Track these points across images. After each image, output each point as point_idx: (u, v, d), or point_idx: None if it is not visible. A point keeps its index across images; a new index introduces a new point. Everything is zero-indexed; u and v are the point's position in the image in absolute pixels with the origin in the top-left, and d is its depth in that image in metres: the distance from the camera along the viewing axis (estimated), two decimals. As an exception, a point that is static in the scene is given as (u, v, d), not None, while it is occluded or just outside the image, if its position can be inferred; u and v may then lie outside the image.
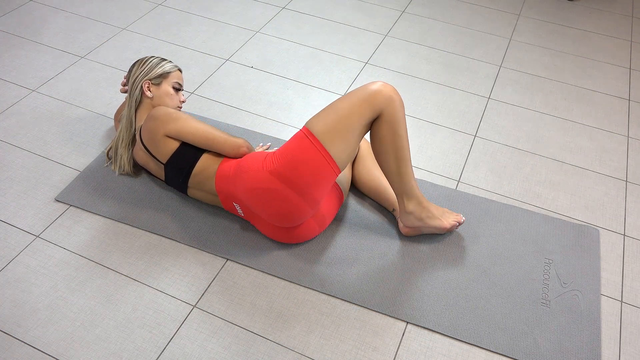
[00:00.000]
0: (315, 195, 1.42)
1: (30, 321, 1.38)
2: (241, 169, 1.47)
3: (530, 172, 1.89)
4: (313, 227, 1.53)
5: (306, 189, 1.39)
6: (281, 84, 2.20)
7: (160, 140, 1.55)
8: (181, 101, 1.73)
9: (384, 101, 1.36)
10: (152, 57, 1.71)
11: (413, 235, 1.61)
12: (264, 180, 1.41)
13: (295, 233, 1.52)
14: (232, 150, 1.53)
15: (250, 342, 1.37)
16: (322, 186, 1.41)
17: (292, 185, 1.39)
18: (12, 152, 1.82)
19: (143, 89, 1.67)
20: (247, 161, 1.48)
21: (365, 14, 2.68)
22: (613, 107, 2.21)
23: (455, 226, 1.58)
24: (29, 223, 1.61)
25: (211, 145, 1.53)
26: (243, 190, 1.46)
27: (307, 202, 1.42)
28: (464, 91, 2.24)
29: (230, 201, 1.53)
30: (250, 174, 1.44)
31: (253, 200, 1.45)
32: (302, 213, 1.44)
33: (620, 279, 1.57)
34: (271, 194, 1.41)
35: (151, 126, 1.55)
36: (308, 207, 1.43)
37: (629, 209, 1.79)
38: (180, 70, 1.75)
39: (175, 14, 2.58)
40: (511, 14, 2.77)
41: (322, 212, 1.54)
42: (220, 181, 1.52)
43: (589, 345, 1.40)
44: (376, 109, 1.37)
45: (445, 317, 1.44)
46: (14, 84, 2.11)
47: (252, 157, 1.49)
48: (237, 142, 1.53)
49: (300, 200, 1.41)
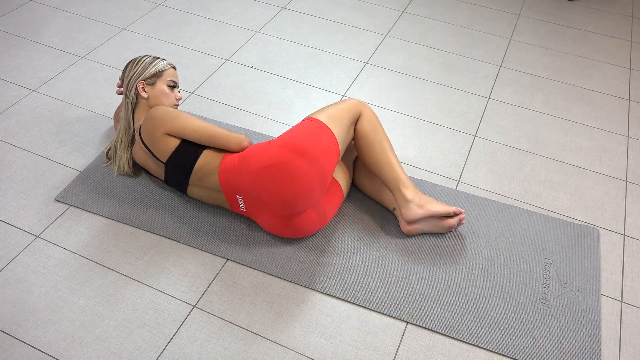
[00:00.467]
0: (325, 167, 1.46)
1: (30, 321, 1.38)
2: (246, 156, 1.49)
3: (530, 172, 1.89)
4: (314, 219, 1.53)
5: (317, 158, 1.44)
6: (281, 84, 2.20)
7: (159, 139, 1.55)
8: (177, 99, 1.73)
9: (361, 105, 1.62)
10: (144, 57, 1.70)
11: (415, 234, 1.61)
12: (274, 156, 1.44)
13: (296, 225, 1.52)
14: (235, 145, 1.54)
15: (250, 342, 1.37)
16: (329, 159, 1.46)
17: (304, 153, 1.44)
18: (12, 152, 1.82)
19: (138, 90, 1.67)
20: (251, 149, 1.51)
21: (365, 14, 2.68)
22: (613, 107, 2.21)
23: (456, 223, 1.59)
24: (29, 223, 1.61)
25: (214, 141, 1.54)
26: (250, 174, 1.46)
27: (317, 174, 1.45)
28: (464, 91, 2.24)
29: (233, 194, 1.53)
30: (258, 156, 1.47)
31: (260, 182, 1.46)
32: (310, 188, 1.45)
33: (620, 279, 1.57)
34: (281, 167, 1.43)
35: (151, 125, 1.55)
36: (316, 180, 1.45)
37: (629, 209, 1.79)
38: (174, 67, 1.74)
39: (175, 14, 2.58)
40: (511, 14, 2.77)
41: (323, 205, 1.54)
42: (223, 174, 1.52)
43: (589, 345, 1.40)
44: (357, 110, 1.61)
45: (445, 317, 1.44)
46: (14, 84, 2.11)
47: (255, 146, 1.52)
48: (239, 137, 1.56)
49: (310, 170, 1.44)
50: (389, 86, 2.23)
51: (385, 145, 1.60)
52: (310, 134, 1.48)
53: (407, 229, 1.60)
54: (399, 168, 1.59)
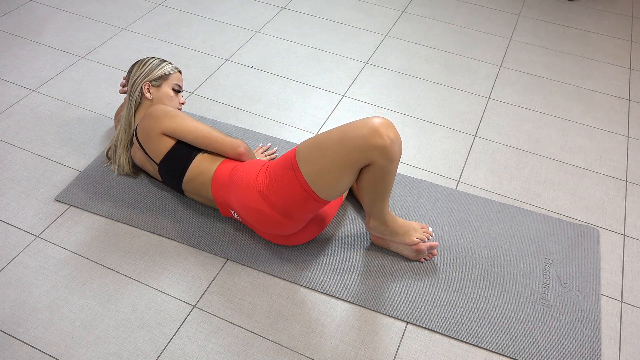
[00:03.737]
0: (304, 217, 1.42)
1: (30, 321, 1.38)
2: (235, 182, 1.46)
3: (530, 172, 1.89)
4: (311, 229, 1.53)
5: (293, 214, 1.39)
6: (281, 84, 2.20)
7: (155, 138, 1.54)
8: (181, 103, 1.73)
9: (378, 154, 1.25)
10: (152, 59, 1.71)
11: (381, 246, 1.58)
12: (254, 201, 1.42)
13: (294, 237, 1.52)
14: (230, 150, 1.53)
15: (250, 342, 1.37)
16: (309, 211, 1.40)
17: (279, 210, 1.39)
18: (12, 152, 1.82)
19: (143, 91, 1.67)
20: (241, 172, 1.47)
21: (365, 14, 2.68)
22: (613, 107, 2.21)
23: (425, 248, 1.51)
24: (29, 223, 1.61)
25: (209, 144, 1.53)
26: (236, 204, 1.47)
27: (295, 223, 1.43)
28: (464, 91, 2.24)
29: (226, 208, 1.53)
30: (243, 191, 1.44)
31: (246, 216, 1.47)
32: (293, 230, 1.46)
33: (620, 279, 1.57)
34: (260, 214, 1.42)
35: (148, 123, 1.54)
36: (298, 225, 1.45)
37: (629, 209, 1.79)
38: (180, 72, 1.75)
39: (175, 14, 2.58)
40: (511, 14, 2.77)
41: (320, 215, 1.54)
42: (216, 189, 1.52)
43: (589, 345, 1.40)
44: (368, 159, 1.26)
45: (445, 317, 1.44)
46: (14, 84, 2.11)
47: (247, 167, 1.47)
48: (235, 142, 1.53)
49: (288, 222, 1.42)
50: (389, 86, 2.23)
51: (379, 195, 1.37)
52: (287, 192, 1.33)
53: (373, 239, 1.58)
54: (380, 208, 1.42)
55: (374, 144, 1.23)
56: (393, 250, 1.56)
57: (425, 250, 1.52)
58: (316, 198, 1.34)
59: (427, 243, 1.52)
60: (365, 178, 1.33)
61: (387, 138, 1.24)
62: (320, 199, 1.35)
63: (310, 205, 1.36)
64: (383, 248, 1.58)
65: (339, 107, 2.10)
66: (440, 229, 1.65)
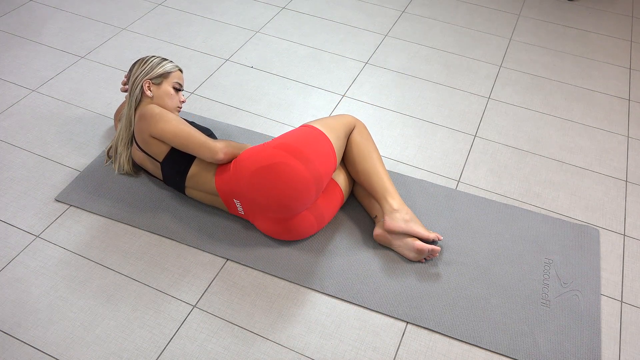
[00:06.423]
0: (320, 170, 1.45)
1: (30, 321, 1.38)
2: (241, 159, 1.49)
3: (530, 172, 1.89)
4: (311, 222, 1.53)
5: (311, 160, 1.44)
6: (281, 84, 2.20)
7: (149, 141, 1.58)
8: (181, 101, 1.73)
9: (354, 119, 1.66)
10: (153, 57, 1.71)
11: (383, 243, 1.58)
12: (268, 157, 1.44)
13: (293, 228, 1.51)
14: (207, 153, 1.50)
15: (250, 342, 1.37)
16: (325, 163, 1.46)
17: (298, 154, 1.43)
18: (12, 152, 1.82)
19: (143, 89, 1.67)
20: (246, 153, 1.50)
21: (365, 14, 2.68)
22: (613, 107, 2.21)
23: (427, 250, 1.51)
24: (29, 223, 1.61)
25: (186, 146, 1.52)
26: (245, 177, 1.46)
27: (312, 175, 1.44)
28: (464, 91, 2.24)
29: (230, 198, 1.53)
30: (253, 158, 1.46)
31: (256, 185, 1.45)
32: (305, 189, 1.44)
33: (620, 279, 1.57)
34: (276, 168, 1.43)
35: (140, 127, 1.58)
36: (311, 181, 1.44)
37: (629, 209, 1.79)
38: (181, 71, 1.75)
39: (175, 14, 2.58)
40: (511, 14, 2.77)
41: (320, 207, 1.54)
42: (220, 178, 1.52)
43: (589, 345, 1.40)
44: (351, 123, 1.64)
45: (445, 317, 1.44)
46: (14, 84, 2.11)
47: (250, 149, 1.51)
48: (215, 147, 1.50)
49: (304, 171, 1.43)
50: (389, 86, 2.23)
51: (375, 156, 1.61)
52: (305, 137, 1.49)
53: (378, 232, 1.58)
54: (387, 179, 1.59)
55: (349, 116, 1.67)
56: (395, 250, 1.57)
57: (426, 250, 1.52)
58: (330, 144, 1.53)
59: (430, 245, 1.52)
60: (357, 139, 1.64)
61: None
62: (333, 147, 1.52)
63: (327, 150, 1.50)
64: (385, 246, 1.58)
65: (339, 107, 2.10)
66: (440, 229, 1.65)
